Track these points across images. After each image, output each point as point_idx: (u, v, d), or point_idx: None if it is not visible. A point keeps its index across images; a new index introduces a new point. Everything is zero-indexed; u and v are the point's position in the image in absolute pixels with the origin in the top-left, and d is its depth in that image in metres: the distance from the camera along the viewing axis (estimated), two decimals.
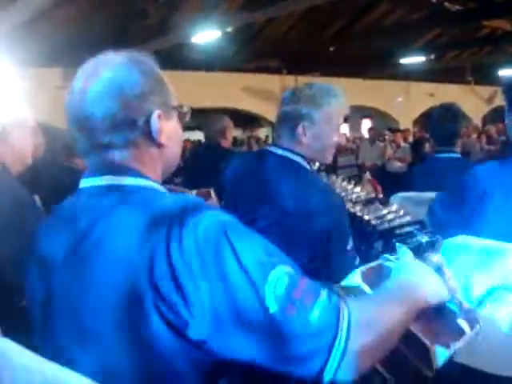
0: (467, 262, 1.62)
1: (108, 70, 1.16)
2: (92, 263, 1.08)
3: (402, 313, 1.10)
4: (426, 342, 1.14)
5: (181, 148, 1.31)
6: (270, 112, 15.55)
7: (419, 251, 2.34)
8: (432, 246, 2.34)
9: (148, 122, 1.17)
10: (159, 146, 1.21)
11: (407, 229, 2.49)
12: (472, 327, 1.22)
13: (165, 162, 1.25)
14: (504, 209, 1.95)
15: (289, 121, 2.16)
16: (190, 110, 1.31)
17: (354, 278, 1.25)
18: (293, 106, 2.14)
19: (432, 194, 3.25)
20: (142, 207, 1.08)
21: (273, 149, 2.23)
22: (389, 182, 9.27)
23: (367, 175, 3.49)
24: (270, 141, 17.10)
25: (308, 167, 2.19)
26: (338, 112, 2.14)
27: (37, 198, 2.80)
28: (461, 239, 2.03)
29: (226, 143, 4.75)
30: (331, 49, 14.57)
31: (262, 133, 20.63)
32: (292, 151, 2.16)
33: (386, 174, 10.39)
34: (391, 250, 2.31)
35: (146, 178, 1.18)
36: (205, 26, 9.39)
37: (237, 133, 18.08)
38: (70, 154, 4.52)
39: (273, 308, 0.97)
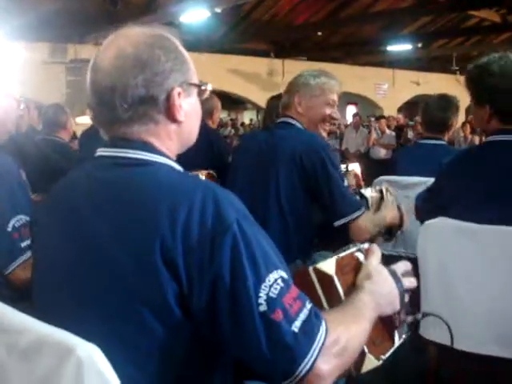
0: None
1: (132, 46, 1.17)
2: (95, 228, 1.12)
3: (365, 332, 1.17)
4: (365, 348, 1.23)
5: (198, 125, 1.32)
6: (256, 95, 15.52)
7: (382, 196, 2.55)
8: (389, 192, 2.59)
9: (168, 98, 1.18)
10: (177, 122, 1.22)
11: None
12: (400, 338, 1.34)
13: (181, 138, 1.26)
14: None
15: None
16: (211, 87, 1.32)
17: (329, 265, 1.28)
18: None
19: (415, 179, 3.31)
20: (158, 181, 1.12)
21: None
22: (373, 169, 9.36)
23: (355, 169, 3.49)
24: (255, 124, 17.06)
25: None
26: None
27: (22, 172, 2.80)
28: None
29: (213, 124, 4.69)
30: (319, 33, 14.56)
31: (247, 116, 20.59)
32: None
33: (370, 160, 10.45)
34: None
35: (160, 153, 1.20)
36: (193, 5, 9.33)
37: (222, 115, 18.02)
38: (53, 128, 4.54)
39: (263, 307, 1.01)
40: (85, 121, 5.77)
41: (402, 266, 1.37)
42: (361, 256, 1.37)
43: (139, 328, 1.05)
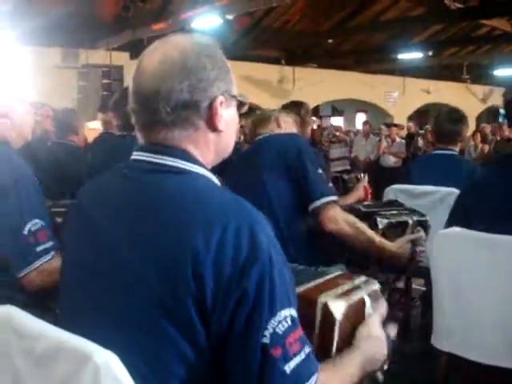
0: None
1: (178, 52, 1.19)
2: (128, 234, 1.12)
3: None
4: None
5: (235, 138, 1.33)
6: (266, 102, 15.53)
7: (405, 228, 2.50)
8: (420, 224, 2.50)
9: (210, 106, 1.20)
10: (217, 131, 1.23)
11: (393, 212, 2.60)
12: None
13: (218, 148, 1.27)
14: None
15: None
16: (249, 101, 1.33)
17: (338, 308, 1.28)
18: None
19: (427, 188, 3.31)
20: (195, 192, 1.13)
21: None
22: (383, 177, 9.34)
23: (365, 180, 3.48)
24: None
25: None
26: None
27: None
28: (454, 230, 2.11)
29: None
30: (330, 41, 14.56)
31: None
32: None
33: (380, 168, 10.44)
34: (373, 226, 2.47)
35: (198, 163, 1.21)
36: (206, 12, 9.36)
37: None
38: (65, 132, 4.56)
39: (266, 339, 1.03)
40: (96, 125, 5.77)
41: (393, 331, 1.41)
42: (368, 302, 1.37)
43: (160, 338, 1.05)
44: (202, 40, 1.25)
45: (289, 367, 1.04)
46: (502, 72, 17.44)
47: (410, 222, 2.54)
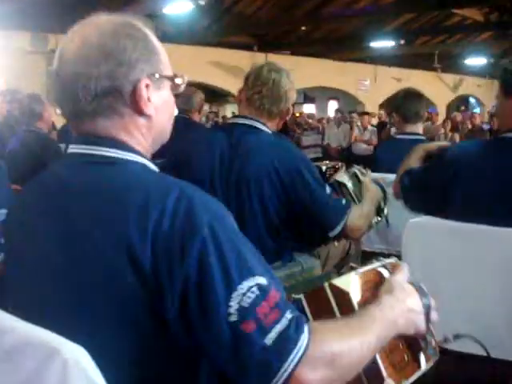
0: None
1: (97, 34, 1.12)
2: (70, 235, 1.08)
3: (369, 346, 1.06)
4: (383, 372, 1.13)
5: (172, 120, 1.26)
6: (238, 88, 15.50)
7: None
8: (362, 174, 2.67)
9: (134, 91, 1.12)
10: (146, 117, 1.16)
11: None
12: (428, 362, 1.24)
13: (153, 134, 1.20)
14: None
15: None
16: (186, 80, 1.24)
17: (346, 281, 1.18)
18: None
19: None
20: (127, 182, 1.08)
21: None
22: (356, 164, 9.34)
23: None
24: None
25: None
26: None
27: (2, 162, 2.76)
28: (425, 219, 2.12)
29: (198, 117, 4.74)
30: (303, 28, 14.55)
31: (229, 109, 20.54)
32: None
33: (352, 155, 10.50)
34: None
35: (132, 150, 1.15)
36: None
37: (204, 108, 17.93)
38: (31, 119, 4.52)
39: (233, 317, 0.96)
40: None
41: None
42: (385, 272, 1.27)
43: (109, 332, 1.03)
44: (123, 20, 1.17)
45: (270, 339, 0.96)
46: (472, 61, 17.66)
47: (356, 171, 2.69)
